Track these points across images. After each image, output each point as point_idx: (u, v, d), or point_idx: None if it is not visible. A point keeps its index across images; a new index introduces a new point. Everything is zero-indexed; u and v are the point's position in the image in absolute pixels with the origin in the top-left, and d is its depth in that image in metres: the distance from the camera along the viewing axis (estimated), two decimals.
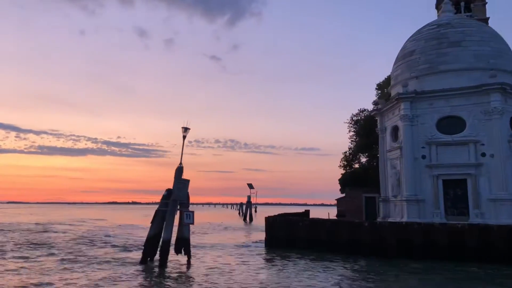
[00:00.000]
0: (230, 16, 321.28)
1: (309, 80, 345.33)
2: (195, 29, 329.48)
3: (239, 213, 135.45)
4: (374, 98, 44.08)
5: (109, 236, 35.56)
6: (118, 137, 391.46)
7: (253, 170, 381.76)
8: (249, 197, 71.76)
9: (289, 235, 25.12)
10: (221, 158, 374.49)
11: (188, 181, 20.00)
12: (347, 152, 45.80)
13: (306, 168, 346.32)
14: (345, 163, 45.73)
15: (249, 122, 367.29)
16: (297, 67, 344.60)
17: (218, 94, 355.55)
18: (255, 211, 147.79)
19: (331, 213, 45.98)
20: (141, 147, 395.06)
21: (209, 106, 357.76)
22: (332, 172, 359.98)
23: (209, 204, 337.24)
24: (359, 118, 45.18)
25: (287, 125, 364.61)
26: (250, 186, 76.99)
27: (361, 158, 45.65)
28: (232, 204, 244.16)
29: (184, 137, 21.05)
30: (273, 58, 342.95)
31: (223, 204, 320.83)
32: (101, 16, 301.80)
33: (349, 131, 45.94)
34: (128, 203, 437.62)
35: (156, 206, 20.46)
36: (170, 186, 19.63)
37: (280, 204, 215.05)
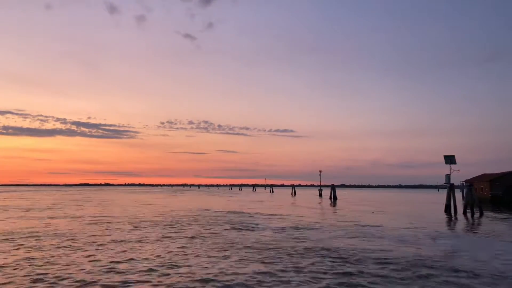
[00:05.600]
0: None
1: (285, 61, 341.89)
2: (169, 6, 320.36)
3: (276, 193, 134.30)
4: None
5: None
6: (88, 117, 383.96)
7: (226, 152, 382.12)
8: (448, 177, 43.35)
9: None
10: (194, 139, 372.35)
11: None
12: None
13: (280, 150, 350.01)
14: None
15: (223, 103, 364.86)
16: (273, 47, 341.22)
17: (192, 74, 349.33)
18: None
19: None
20: (112, 128, 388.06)
21: (182, 87, 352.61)
22: (309, 153, 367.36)
23: (208, 186, 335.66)
24: None
25: (261, 107, 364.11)
26: (451, 159, 42.47)
27: None
28: (240, 186, 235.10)
29: None
30: (249, 37, 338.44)
31: (217, 186, 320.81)
32: None
33: None
34: (100, 184, 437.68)
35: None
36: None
37: (257, 185, 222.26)
